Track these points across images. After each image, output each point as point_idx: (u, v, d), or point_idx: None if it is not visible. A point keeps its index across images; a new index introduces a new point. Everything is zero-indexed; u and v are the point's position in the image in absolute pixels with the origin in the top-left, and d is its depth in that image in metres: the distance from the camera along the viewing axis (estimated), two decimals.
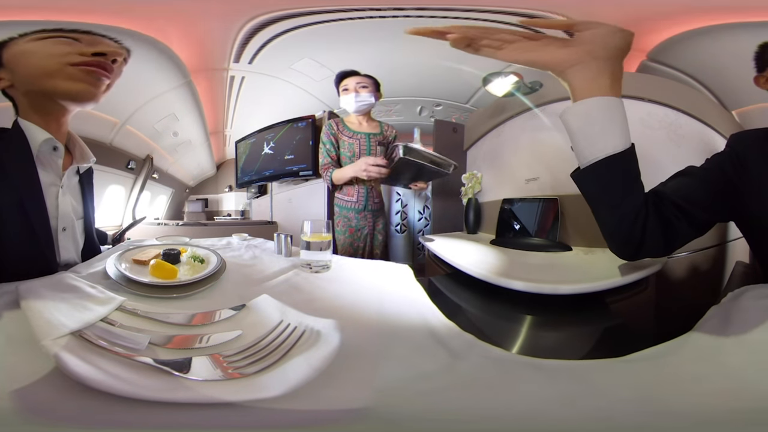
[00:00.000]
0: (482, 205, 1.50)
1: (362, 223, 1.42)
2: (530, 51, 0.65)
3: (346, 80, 1.36)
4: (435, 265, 1.26)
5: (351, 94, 1.35)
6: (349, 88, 1.35)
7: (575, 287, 0.79)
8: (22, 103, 0.71)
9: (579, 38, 0.65)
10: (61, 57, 0.66)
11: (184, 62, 1.36)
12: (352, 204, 1.41)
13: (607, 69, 0.64)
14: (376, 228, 1.44)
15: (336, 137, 1.40)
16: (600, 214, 0.73)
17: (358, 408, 0.40)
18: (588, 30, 0.64)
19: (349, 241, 1.41)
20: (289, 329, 0.51)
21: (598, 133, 0.65)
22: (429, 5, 1.16)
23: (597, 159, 0.66)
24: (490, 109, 1.48)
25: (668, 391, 0.42)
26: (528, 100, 1.30)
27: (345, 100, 1.38)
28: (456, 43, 0.67)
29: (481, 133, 1.54)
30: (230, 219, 1.82)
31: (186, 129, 1.60)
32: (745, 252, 1.01)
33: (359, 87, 1.34)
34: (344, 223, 1.42)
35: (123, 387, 0.38)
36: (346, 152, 1.39)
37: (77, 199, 0.80)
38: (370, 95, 1.36)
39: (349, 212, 1.42)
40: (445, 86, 1.53)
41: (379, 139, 1.41)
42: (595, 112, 0.65)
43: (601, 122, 0.65)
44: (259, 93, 1.52)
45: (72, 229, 0.77)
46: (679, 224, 0.70)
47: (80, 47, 0.68)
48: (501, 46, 0.65)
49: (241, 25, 1.25)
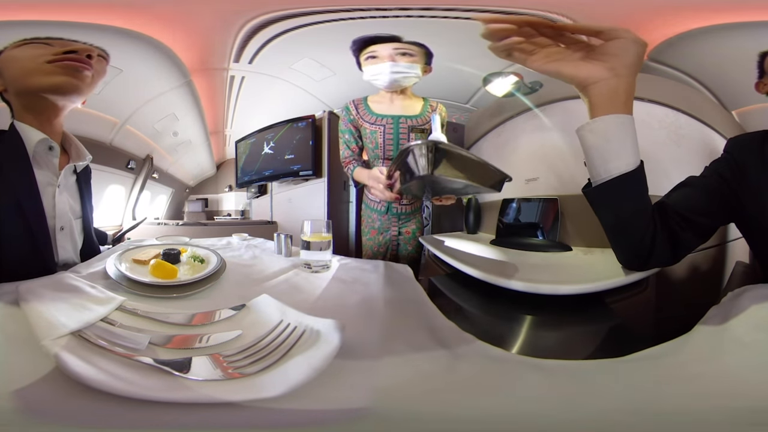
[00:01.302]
0: (482, 205, 1.50)
1: (385, 225, 1.20)
2: (557, 61, 0.66)
3: (373, 47, 1.01)
4: (435, 265, 1.26)
5: (385, 62, 0.99)
6: (381, 54, 0.99)
7: (575, 287, 0.79)
8: (16, 106, 0.73)
9: (603, 50, 0.65)
10: (37, 57, 0.71)
11: (184, 62, 1.36)
12: (376, 205, 1.19)
13: (625, 86, 0.65)
14: (402, 234, 1.21)
15: (356, 124, 1.10)
16: (611, 229, 0.74)
17: (358, 408, 0.40)
18: (612, 41, 0.64)
19: (370, 243, 1.22)
20: (289, 329, 0.51)
21: (614, 150, 0.66)
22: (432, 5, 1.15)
23: (611, 177, 0.67)
24: (491, 110, 1.48)
25: (668, 391, 0.42)
26: (528, 101, 1.30)
27: (372, 70, 1.02)
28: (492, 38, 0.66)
29: (481, 134, 1.54)
30: (230, 219, 1.82)
31: (186, 129, 1.60)
32: (745, 252, 1.01)
33: (397, 54, 0.99)
34: (368, 223, 1.22)
35: (123, 387, 0.38)
36: (368, 143, 1.10)
37: (75, 199, 0.81)
38: (412, 66, 1.00)
39: (373, 213, 1.21)
40: (445, 86, 1.53)
41: (415, 123, 1.08)
42: (611, 130, 0.66)
43: (617, 140, 0.66)
44: (259, 93, 1.52)
45: (70, 228, 0.78)
46: (685, 234, 0.71)
47: (53, 49, 0.72)
48: (534, 51, 0.66)
49: (241, 25, 1.25)
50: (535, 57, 0.66)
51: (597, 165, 0.68)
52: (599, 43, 0.65)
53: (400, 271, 0.87)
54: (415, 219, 1.21)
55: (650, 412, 0.40)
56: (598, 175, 0.69)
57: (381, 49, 1.01)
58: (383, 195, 0.99)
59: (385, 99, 1.07)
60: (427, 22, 1.22)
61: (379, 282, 0.80)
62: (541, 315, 0.79)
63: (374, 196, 1.11)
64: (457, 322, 0.59)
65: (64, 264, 0.76)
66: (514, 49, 0.65)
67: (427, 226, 1.74)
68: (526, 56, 0.66)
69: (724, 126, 1.07)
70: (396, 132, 1.05)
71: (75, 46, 0.75)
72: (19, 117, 0.72)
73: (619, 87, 0.64)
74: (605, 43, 0.64)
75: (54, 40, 0.74)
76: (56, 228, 0.74)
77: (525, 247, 1.17)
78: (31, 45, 0.73)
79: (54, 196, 0.74)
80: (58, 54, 0.72)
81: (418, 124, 1.05)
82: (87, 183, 0.86)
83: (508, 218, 1.33)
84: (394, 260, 1.17)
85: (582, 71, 0.65)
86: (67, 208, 0.77)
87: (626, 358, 0.49)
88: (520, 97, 1.30)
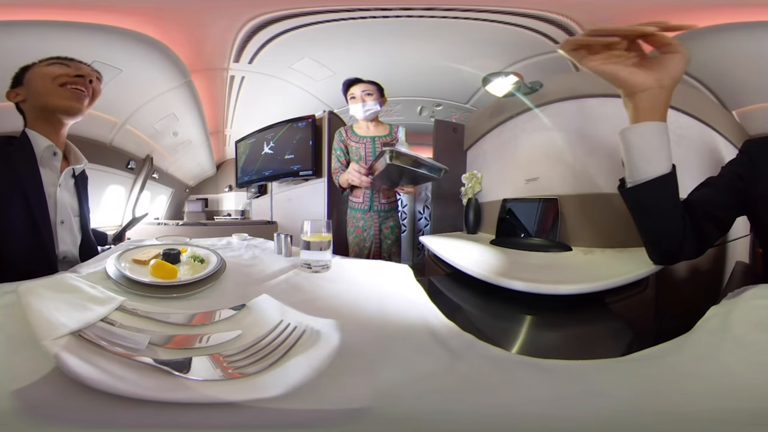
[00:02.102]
0: (482, 205, 1.50)
1: (368, 223, 1.44)
2: (614, 64, 0.70)
3: (352, 89, 1.40)
4: (435, 265, 1.26)
5: (359, 103, 1.39)
6: (356, 96, 1.40)
7: (575, 287, 0.79)
8: (30, 116, 0.87)
9: (658, 61, 0.69)
10: (56, 79, 0.85)
11: (184, 62, 1.36)
12: (359, 205, 1.45)
13: (666, 97, 0.70)
14: (383, 230, 1.46)
15: (345, 143, 1.45)
16: (645, 228, 0.79)
17: (359, 408, 0.40)
18: (670, 54, 0.68)
19: (355, 241, 1.45)
20: (289, 329, 0.51)
21: (655, 153, 0.72)
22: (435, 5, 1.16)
23: (651, 177, 0.72)
24: (491, 109, 1.48)
25: (668, 391, 0.42)
26: (528, 101, 1.30)
27: (354, 108, 1.42)
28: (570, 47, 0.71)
29: (481, 133, 1.54)
30: (230, 219, 1.82)
31: (186, 129, 1.61)
32: (745, 252, 1.01)
33: (365, 95, 1.39)
34: (353, 223, 1.46)
35: (123, 387, 0.38)
36: (354, 156, 1.44)
37: (73, 199, 0.92)
38: (375, 103, 1.40)
39: (356, 212, 1.46)
40: (445, 86, 1.53)
41: (385, 141, 1.45)
42: (654, 135, 0.71)
43: (658, 144, 0.72)
44: (259, 93, 1.52)
45: (69, 223, 0.89)
46: (708, 228, 0.78)
47: (69, 70, 0.86)
48: (598, 51, 0.70)
49: (241, 25, 1.25)
50: (594, 56, 0.70)
51: (640, 166, 0.73)
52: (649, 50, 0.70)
53: (400, 271, 0.87)
54: (392, 217, 1.48)
55: (650, 412, 0.39)
56: (638, 176, 0.74)
57: (355, 90, 1.40)
58: (360, 179, 1.31)
59: (363, 126, 1.46)
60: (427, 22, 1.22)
61: (378, 282, 0.80)
62: (541, 315, 0.79)
63: (355, 196, 1.46)
64: (457, 322, 0.59)
65: (63, 256, 0.86)
66: (582, 45, 0.69)
67: (427, 226, 1.74)
68: (588, 54, 0.70)
69: (724, 126, 1.07)
70: (374, 146, 1.44)
71: (83, 70, 0.88)
72: (31, 126, 0.86)
73: (663, 97, 0.70)
74: (663, 56, 0.68)
75: (71, 62, 0.88)
76: (57, 221, 0.85)
77: (525, 247, 1.17)
78: (56, 65, 0.86)
79: (55, 194, 0.85)
80: (71, 77, 0.85)
81: (387, 141, 1.44)
82: (84, 187, 0.96)
83: (508, 218, 1.33)
84: (378, 255, 1.44)
85: (635, 78, 0.69)
86: (67, 205, 0.88)
87: (626, 358, 0.49)
88: (521, 97, 1.31)
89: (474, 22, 1.21)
